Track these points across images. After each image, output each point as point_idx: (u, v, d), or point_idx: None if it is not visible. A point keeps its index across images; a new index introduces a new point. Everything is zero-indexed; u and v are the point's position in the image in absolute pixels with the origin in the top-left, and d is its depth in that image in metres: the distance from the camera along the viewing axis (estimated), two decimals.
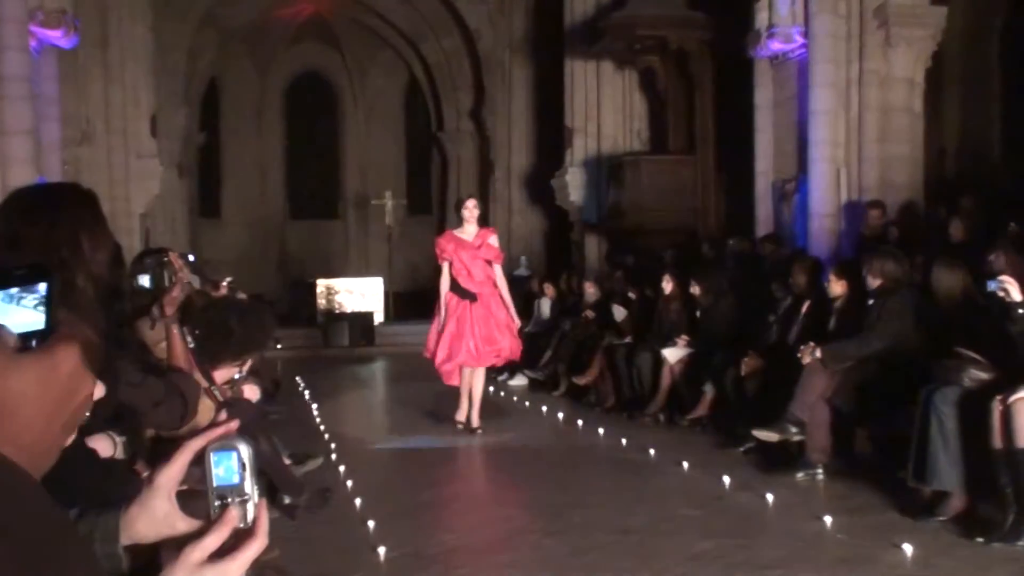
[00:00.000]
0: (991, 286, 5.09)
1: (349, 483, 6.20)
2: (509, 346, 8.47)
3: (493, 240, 8.50)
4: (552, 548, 4.91)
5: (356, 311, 19.02)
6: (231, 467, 1.20)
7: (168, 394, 3.09)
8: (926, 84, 10.61)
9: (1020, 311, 5.03)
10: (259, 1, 21.01)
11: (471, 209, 8.47)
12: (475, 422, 8.32)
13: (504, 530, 5.22)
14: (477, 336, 8.19)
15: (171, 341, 3.54)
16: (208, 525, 1.21)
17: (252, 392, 6.37)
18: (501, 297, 8.47)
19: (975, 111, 12.66)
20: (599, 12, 15.14)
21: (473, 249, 8.33)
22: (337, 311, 19.14)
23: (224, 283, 9.83)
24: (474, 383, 8.38)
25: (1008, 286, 5.01)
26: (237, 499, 1.20)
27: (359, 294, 19.68)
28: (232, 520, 1.19)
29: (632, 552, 4.81)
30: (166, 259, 3.56)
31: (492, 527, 5.29)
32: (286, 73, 24.75)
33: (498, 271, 8.51)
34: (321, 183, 24.97)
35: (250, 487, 1.20)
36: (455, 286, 8.32)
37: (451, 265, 8.35)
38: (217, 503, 1.20)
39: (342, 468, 6.63)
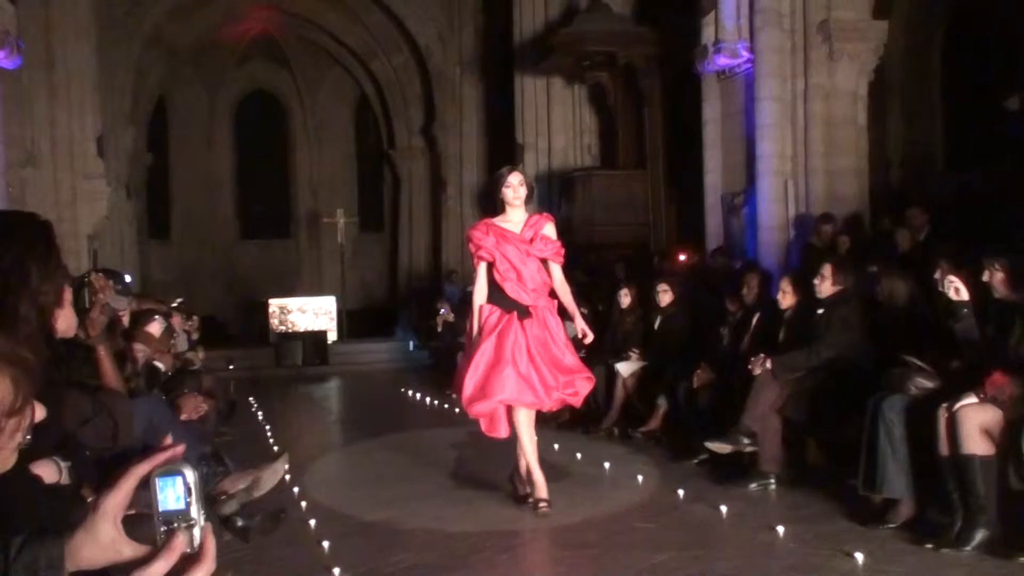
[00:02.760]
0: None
1: (303, 504, 6.16)
2: (580, 388, 6.03)
3: (550, 230, 6.08)
4: (507, 565, 4.91)
5: (309, 330, 18.92)
6: (177, 492, 1.19)
7: (96, 413, 3.06)
8: (870, 97, 10.79)
9: (965, 310, 5.17)
10: (206, 20, 20.88)
11: (516, 187, 6.01)
12: (522, 487, 6.10)
13: (459, 548, 5.21)
14: (531, 366, 5.84)
15: (99, 362, 3.51)
16: (155, 551, 1.20)
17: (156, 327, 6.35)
18: (565, 310, 6.21)
19: (918, 123, 12.88)
20: (548, 29, 15.24)
21: (523, 243, 5.99)
22: (290, 330, 19.02)
23: (174, 304, 9.76)
24: (519, 423, 5.92)
25: (957, 285, 5.16)
26: (183, 524, 1.19)
27: (312, 313, 19.58)
28: (179, 546, 1.18)
29: (588, 566, 4.82)
30: (87, 280, 3.53)
31: (446, 545, 5.27)
32: (235, 92, 24.61)
33: (559, 275, 6.13)
34: (272, 202, 24.83)
35: (196, 512, 1.19)
36: (497, 295, 6.00)
37: (492, 266, 6.04)
38: (163, 528, 1.19)
39: (296, 489, 6.58)
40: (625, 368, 8.78)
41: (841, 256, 6.80)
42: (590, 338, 6.12)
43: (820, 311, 6.56)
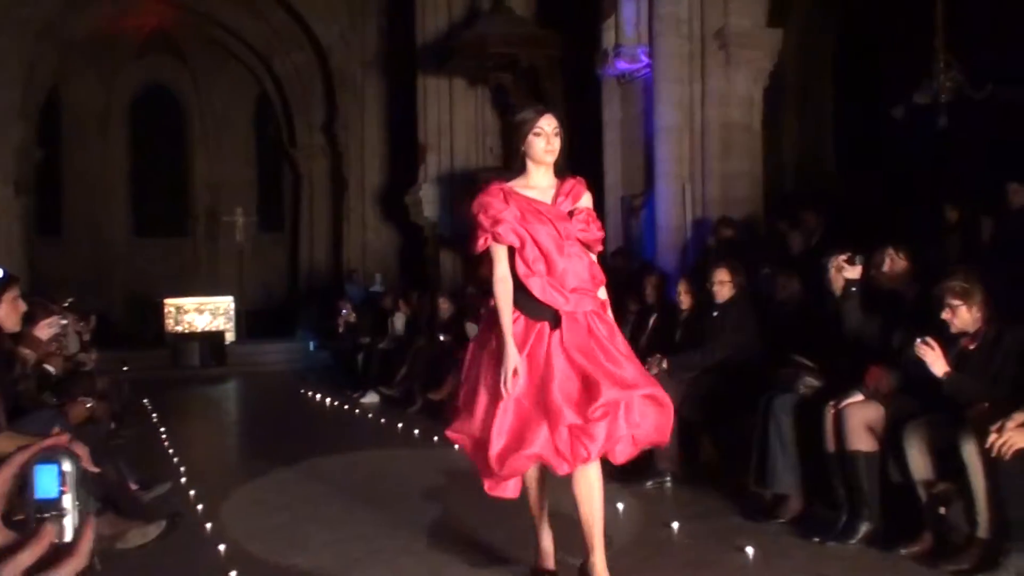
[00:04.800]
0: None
1: (199, 507, 6.07)
2: (653, 419, 4.06)
3: (589, 201, 4.29)
4: (409, 567, 4.91)
5: (206, 330, 18.60)
6: (52, 481, 1.18)
7: None
8: (764, 103, 11.05)
9: (853, 288, 5.42)
10: (102, 12, 20.34)
11: (549, 136, 4.17)
12: (598, 571, 4.19)
13: (360, 550, 5.20)
14: (573, 401, 3.89)
15: None
16: (23, 540, 1.18)
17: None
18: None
19: (811, 128, 13.26)
20: (451, 30, 15.25)
21: (559, 220, 4.12)
22: (186, 331, 18.67)
23: (65, 304, 9.50)
24: (581, 495, 4.13)
25: (845, 264, 5.42)
26: (54, 514, 1.18)
27: (209, 313, 19.24)
28: (47, 535, 1.17)
29: (491, 567, 4.85)
30: None
31: (347, 547, 5.25)
32: (131, 87, 24.01)
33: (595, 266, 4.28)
34: (168, 200, 24.29)
35: (70, 502, 1.18)
36: (520, 297, 4.07)
37: (516, 252, 4.09)
38: (36, 517, 1.18)
39: (192, 492, 6.48)
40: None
41: (732, 261, 6.97)
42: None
43: (715, 312, 6.72)
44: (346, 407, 11.38)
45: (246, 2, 20.40)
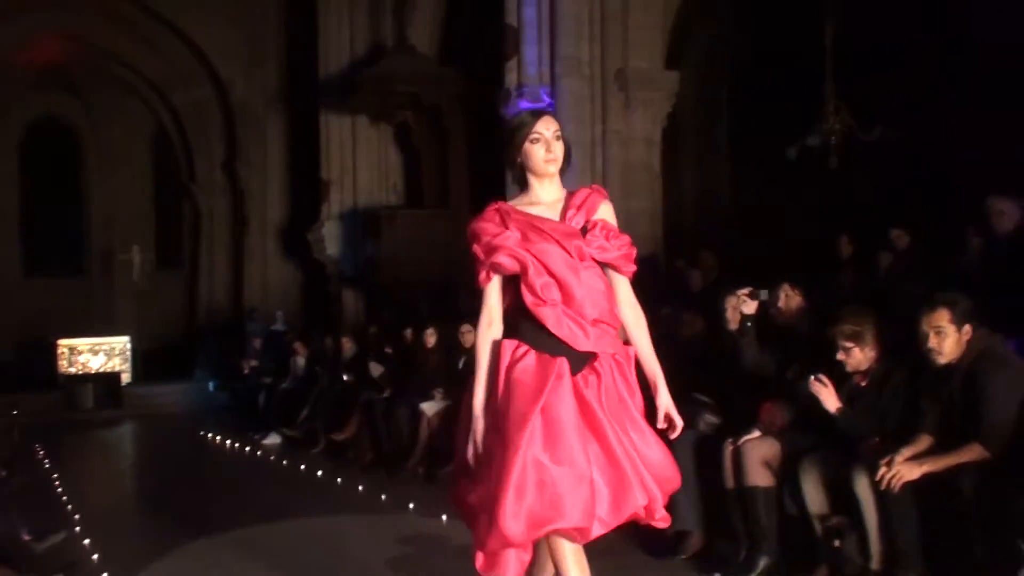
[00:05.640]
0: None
1: (95, 556, 5.90)
2: (658, 474, 3.42)
3: (607, 212, 3.54)
4: None
5: (101, 371, 18.13)
6: None
7: None
8: (663, 144, 11.30)
9: (748, 324, 5.62)
10: None
11: (550, 141, 3.49)
12: None
13: None
14: (598, 462, 3.30)
15: None
16: None
17: None
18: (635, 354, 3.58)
19: (708, 169, 13.57)
20: (353, 66, 15.27)
21: (572, 238, 3.39)
22: (80, 372, 18.17)
23: None
24: (562, 567, 3.44)
25: (747, 299, 5.61)
26: None
27: (104, 354, 18.76)
28: None
29: None
30: None
31: None
32: (22, 120, 23.36)
33: (626, 295, 3.57)
34: (61, 237, 23.60)
35: None
36: (530, 334, 3.35)
37: (517, 281, 3.39)
38: None
39: (87, 541, 6.30)
40: (429, 408, 8.84)
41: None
42: (678, 430, 3.61)
43: None
44: (247, 449, 11.19)
45: (143, 36, 20.08)
